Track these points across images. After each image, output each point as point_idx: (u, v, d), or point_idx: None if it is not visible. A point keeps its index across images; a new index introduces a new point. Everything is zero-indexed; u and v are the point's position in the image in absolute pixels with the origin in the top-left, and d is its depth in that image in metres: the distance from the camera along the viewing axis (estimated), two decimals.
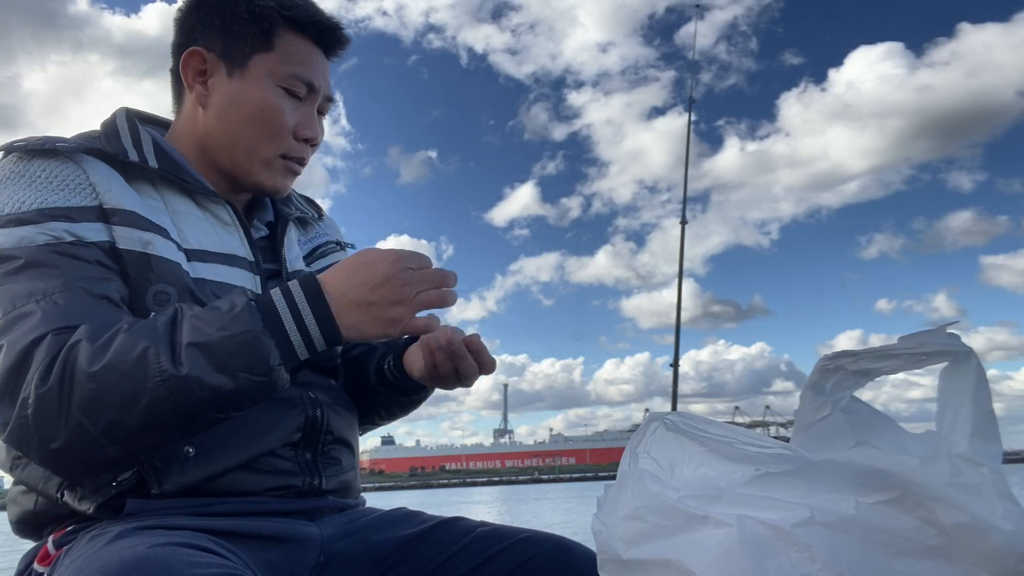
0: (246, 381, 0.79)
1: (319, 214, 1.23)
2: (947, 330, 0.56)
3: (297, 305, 0.83)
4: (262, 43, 1.00)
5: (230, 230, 1.01)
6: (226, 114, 1.00)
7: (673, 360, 8.54)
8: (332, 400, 1.02)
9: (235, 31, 1.00)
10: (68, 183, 0.88)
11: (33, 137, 0.93)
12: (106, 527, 0.81)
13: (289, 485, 0.95)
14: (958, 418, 0.55)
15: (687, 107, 10.07)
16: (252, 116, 1.00)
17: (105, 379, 0.76)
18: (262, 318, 0.80)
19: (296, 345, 0.82)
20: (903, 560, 0.53)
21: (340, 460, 1.03)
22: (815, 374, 0.60)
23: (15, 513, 0.92)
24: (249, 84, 1.00)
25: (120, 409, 0.76)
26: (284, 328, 0.82)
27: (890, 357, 0.58)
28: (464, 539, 1.01)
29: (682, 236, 8.79)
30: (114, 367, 0.76)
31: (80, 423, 0.76)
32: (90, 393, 0.76)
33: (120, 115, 1.01)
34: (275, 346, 0.80)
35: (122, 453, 0.80)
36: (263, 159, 1.02)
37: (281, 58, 1.00)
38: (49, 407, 0.76)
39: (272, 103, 1.00)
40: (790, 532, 0.53)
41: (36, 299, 0.81)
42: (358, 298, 0.84)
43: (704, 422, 0.64)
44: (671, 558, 0.55)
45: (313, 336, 0.83)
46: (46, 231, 0.85)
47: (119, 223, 0.89)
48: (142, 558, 0.67)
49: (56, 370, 0.76)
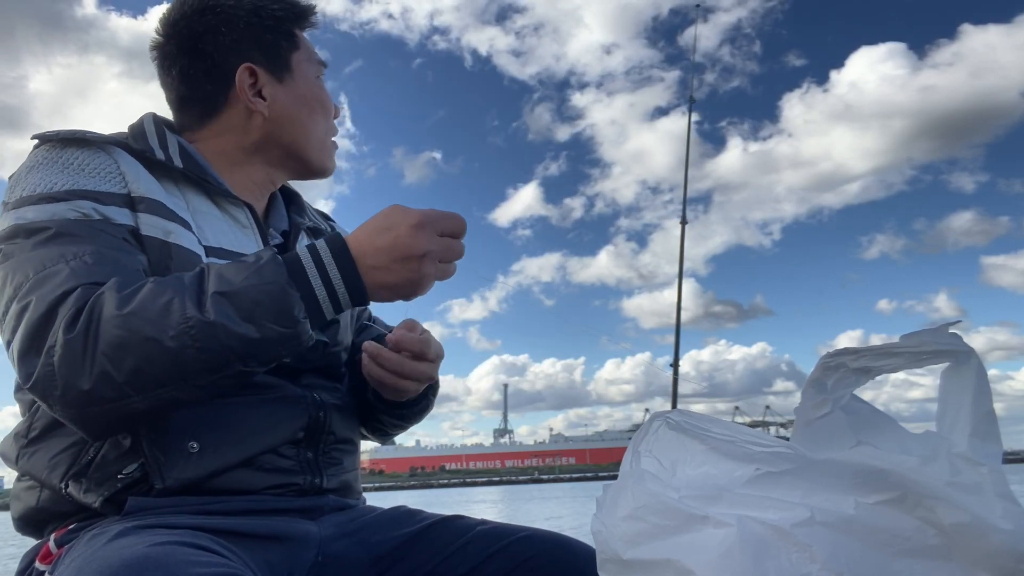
0: (271, 331, 0.79)
1: (331, 229, 1.25)
2: (949, 330, 0.56)
3: (323, 262, 0.83)
4: (293, 44, 1.09)
5: (247, 232, 1.03)
6: (296, 114, 1.08)
7: (673, 360, 8.55)
8: (336, 402, 1.03)
9: (268, 40, 1.07)
10: (99, 170, 0.91)
11: (65, 129, 0.95)
12: (107, 526, 0.81)
13: (290, 483, 0.95)
14: (958, 418, 0.55)
15: (688, 106, 10.08)
16: (314, 109, 1.10)
17: (130, 324, 0.76)
18: (287, 271, 0.81)
19: (322, 301, 0.83)
20: (903, 560, 0.53)
21: (342, 460, 1.04)
22: (817, 371, 0.60)
23: (18, 510, 0.92)
24: (300, 82, 1.09)
25: (145, 355, 0.76)
26: (310, 283, 0.82)
27: (892, 355, 0.58)
28: (464, 537, 1.01)
29: (682, 236, 8.81)
30: (139, 313, 0.76)
31: (105, 369, 0.76)
32: (115, 339, 0.76)
33: (148, 119, 1.04)
34: (300, 298, 0.81)
35: (147, 404, 0.79)
36: (324, 144, 1.12)
37: (306, 52, 1.11)
38: (74, 353, 0.76)
39: (324, 92, 1.12)
40: (790, 532, 0.53)
41: (66, 259, 0.82)
42: (378, 262, 0.84)
43: (707, 420, 0.64)
44: (671, 558, 0.55)
45: (339, 292, 0.84)
46: (76, 208, 0.87)
47: (144, 211, 0.91)
48: (142, 557, 0.67)
49: (84, 317, 0.77)
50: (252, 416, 0.91)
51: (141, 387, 0.77)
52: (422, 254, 0.84)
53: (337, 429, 1.02)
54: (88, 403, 0.77)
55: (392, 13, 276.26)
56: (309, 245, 0.86)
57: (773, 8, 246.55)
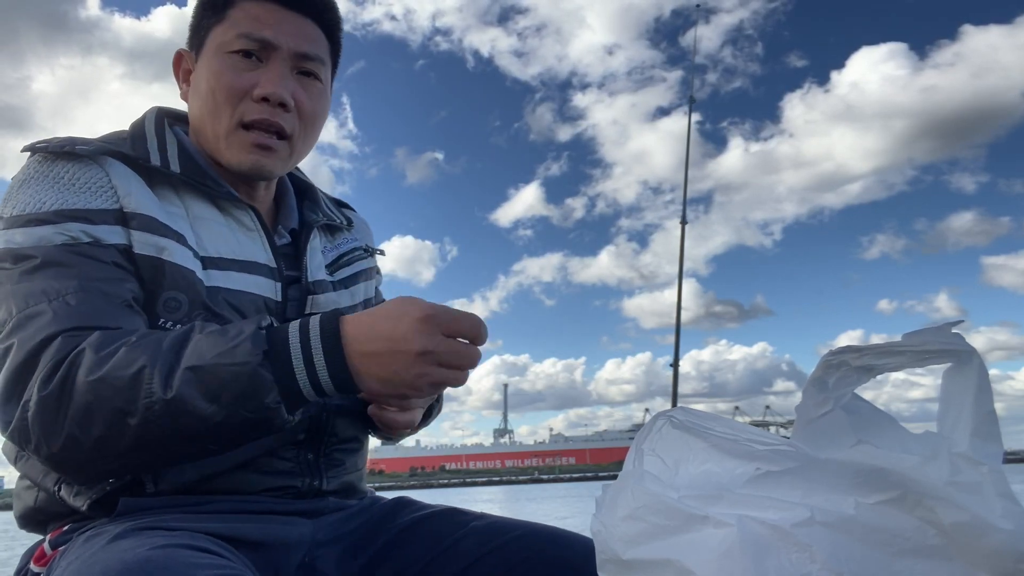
0: (238, 416, 0.75)
1: (348, 221, 1.19)
2: (951, 330, 0.56)
3: (310, 344, 0.76)
4: (215, 16, 0.97)
5: (252, 236, 0.99)
6: (194, 99, 0.99)
7: (673, 360, 8.54)
8: (340, 402, 1.01)
9: (199, 15, 0.99)
10: (90, 185, 0.88)
11: (56, 138, 0.92)
12: (103, 527, 0.81)
13: (288, 486, 0.94)
14: (960, 417, 0.55)
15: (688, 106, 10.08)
16: (205, 92, 0.96)
17: (99, 392, 0.74)
18: (267, 350, 0.75)
19: (302, 385, 0.76)
20: (903, 560, 0.53)
21: (344, 462, 1.02)
22: (819, 369, 0.60)
23: (19, 508, 0.92)
24: (204, 61, 0.97)
25: (109, 425, 0.74)
26: (291, 365, 0.76)
27: (894, 354, 0.58)
28: (461, 531, 1.00)
29: (682, 236, 8.80)
30: (109, 381, 0.74)
31: (73, 434, 0.75)
32: (84, 405, 0.74)
33: (150, 116, 1.00)
34: (274, 382, 0.74)
35: (116, 467, 0.79)
36: (225, 133, 0.96)
37: (230, 24, 0.95)
38: (47, 412, 0.75)
39: (215, 69, 0.94)
40: (790, 532, 0.53)
41: (49, 299, 0.80)
42: (372, 350, 0.76)
43: (710, 418, 0.64)
44: (671, 558, 0.55)
45: (322, 379, 0.77)
46: (64, 231, 0.85)
47: (136, 227, 0.88)
48: (143, 559, 0.67)
49: (59, 375, 0.75)
50: None
51: (107, 454, 0.76)
52: (420, 351, 0.75)
53: (340, 430, 1.00)
54: (59, 462, 0.77)
55: (395, 15, 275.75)
56: (302, 321, 0.79)
57: (775, 9, 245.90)
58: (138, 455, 0.77)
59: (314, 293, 1.02)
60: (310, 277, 1.03)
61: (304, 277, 1.03)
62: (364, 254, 1.17)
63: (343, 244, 1.15)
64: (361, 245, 1.18)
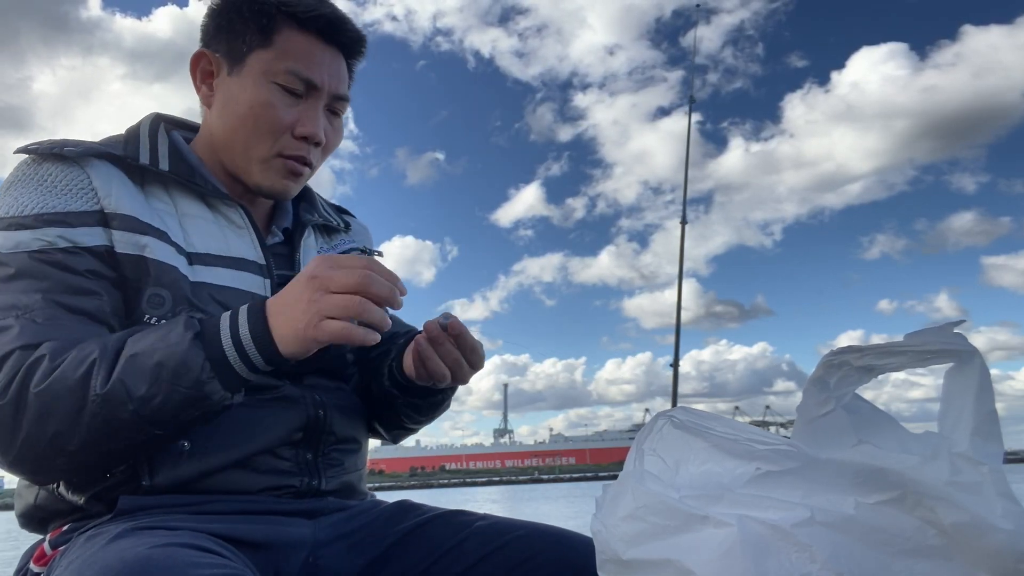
0: (175, 393, 0.79)
1: (346, 224, 1.21)
2: (953, 330, 0.56)
3: (238, 321, 0.83)
4: (260, 40, 0.98)
5: (241, 233, 1.00)
6: (224, 113, 1.01)
7: (673, 360, 8.54)
8: (337, 402, 1.02)
9: (237, 29, 0.99)
10: (71, 187, 0.90)
11: (46, 140, 0.94)
12: (102, 527, 0.81)
13: (286, 485, 0.94)
14: (960, 417, 0.55)
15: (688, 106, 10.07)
16: (244, 114, 0.98)
17: (52, 392, 0.78)
18: (199, 332, 0.81)
19: (232, 360, 0.82)
20: (903, 560, 0.53)
21: (343, 461, 1.02)
22: (819, 369, 0.60)
23: (20, 507, 0.93)
24: (244, 82, 0.99)
25: (61, 422, 0.78)
26: (220, 341, 0.81)
27: (895, 354, 0.58)
28: (463, 533, 1.00)
29: (682, 236, 8.80)
30: (60, 381, 0.78)
31: (28, 436, 0.79)
32: (38, 408, 0.78)
33: (146, 121, 1.03)
34: (205, 359, 0.80)
35: (72, 465, 0.82)
36: (259, 158, 1.00)
37: (277, 55, 0.98)
38: (5, 420, 0.79)
39: (263, 99, 0.98)
40: (790, 532, 0.53)
41: (16, 314, 0.83)
42: (278, 308, 0.83)
43: (711, 418, 0.64)
44: (671, 558, 0.55)
45: (248, 350, 0.82)
46: (41, 237, 0.87)
47: (118, 227, 0.90)
48: (144, 559, 0.67)
49: (15, 384, 0.79)
50: (247, 417, 0.91)
51: (62, 452, 0.80)
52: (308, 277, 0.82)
53: (338, 429, 1.01)
54: (16, 466, 0.82)
55: (396, 15, 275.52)
56: (232, 311, 0.84)
57: (776, 9, 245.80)
58: (88, 452, 0.80)
59: None
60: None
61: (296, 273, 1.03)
62: (361, 255, 1.17)
63: (340, 245, 1.17)
64: (359, 246, 1.20)
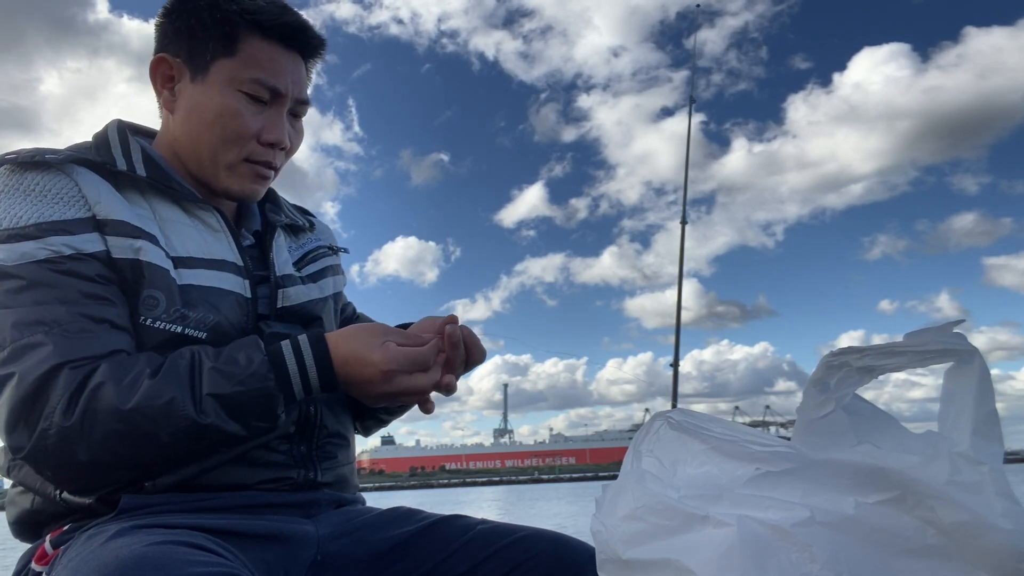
0: (256, 428, 0.88)
1: (310, 224, 1.24)
2: (953, 330, 0.56)
3: (305, 364, 0.90)
4: (224, 48, 0.99)
5: (219, 236, 1.01)
6: (189, 120, 1.01)
7: (673, 360, 8.54)
8: (327, 397, 1.03)
9: (199, 36, 1.00)
10: (61, 196, 0.90)
11: (24, 149, 0.93)
12: (103, 526, 0.82)
13: (284, 477, 0.96)
14: (960, 417, 0.55)
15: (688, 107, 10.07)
16: (211, 122, 1.00)
17: (132, 420, 0.81)
18: (275, 375, 0.88)
19: (298, 395, 0.90)
20: (903, 560, 0.53)
21: (336, 454, 1.04)
22: (820, 370, 0.60)
23: (13, 514, 0.92)
24: (209, 89, 1.00)
25: (140, 447, 0.83)
26: (290, 382, 0.89)
27: (895, 354, 0.57)
28: (463, 537, 1.01)
29: (682, 236, 8.79)
30: (142, 411, 0.82)
31: (99, 457, 0.82)
32: (114, 432, 0.81)
33: (112, 127, 1.03)
34: (283, 399, 0.88)
35: (130, 479, 0.86)
36: (226, 164, 1.02)
37: (242, 63, 0.99)
38: (71, 440, 0.81)
39: (230, 108, 0.99)
40: (790, 532, 0.53)
41: (44, 329, 0.83)
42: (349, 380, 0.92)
43: (708, 420, 0.64)
44: (671, 558, 0.55)
45: (313, 388, 0.91)
46: (46, 246, 0.87)
47: (111, 233, 0.90)
48: (139, 556, 0.67)
49: (81, 406, 0.81)
50: None
51: (129, 470, 0.85)
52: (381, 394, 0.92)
53: (329, 423, 1.03)
54: (76, 481, 0.85)
55: (401, 18, 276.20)
56: (293, 341, 0.91)
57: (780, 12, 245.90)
58: (154, 470, 0.87)
59: (283, 287, 1.05)
60: (278, 272, 1.07)
61: (272, 272, 1.06)
62: (329, 251, 1.21)
63: (308, 243, 1.19)
64: (326, 244, 1.22)
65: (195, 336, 0.92)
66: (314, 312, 1.09)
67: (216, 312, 0.94)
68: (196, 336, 0.92)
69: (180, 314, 0.91)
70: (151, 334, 0.90)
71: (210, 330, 0.93)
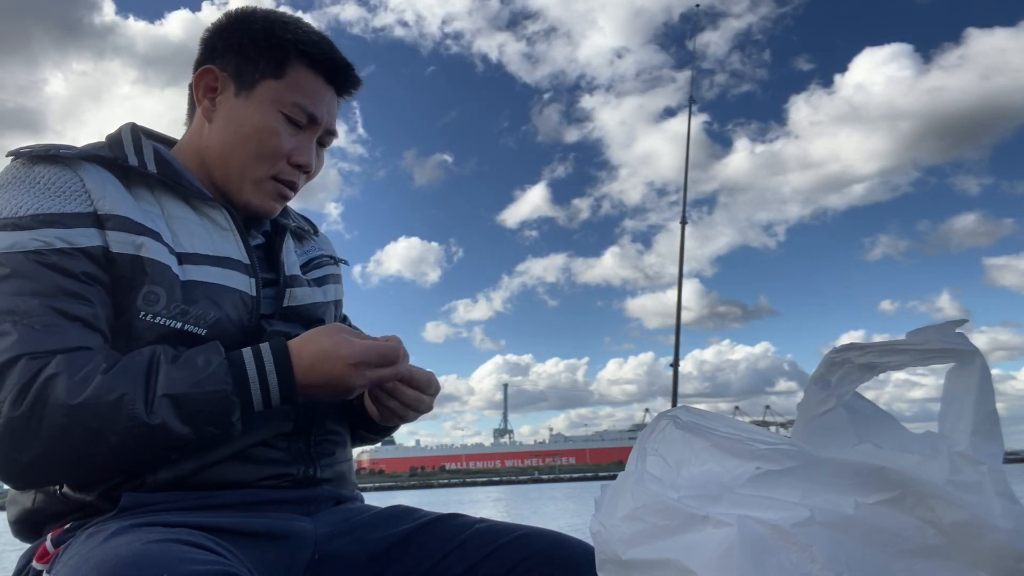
0: (207, 432, 0.86)
1: (315, 230, 1.27)
2: (955, 330, 0.56)
3: (265, 370, 0.90)
4: (273, 70, 1.04)
5: (226, 235, 1.02)
6: (226, 131, 1.04)
7: (673, 360, 8.53)
8: None
9: (250, 55, 1.04)
10: (64, 189, 0.91)
11: (40, 144, 0.95)
12: (103, 524, 0.82)
13: (284, 474, 0.97)
14: (961, 417, 0.55)
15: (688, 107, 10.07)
16: (248, 136, 1.04)
17: (78, 415, 0.80)
18: (233, 379, 0.87)
19: (256, 404, 0.90)
20: (903, 560, 0.53)
21: (333, 451, 1.05)
22: (822, 367, 0.60)
23: (14, 513, 0.92)
24: (252, 105, 1.04)
25: (87, 444, 0.81)
26: (249, 389, 0.89)
27: (897, 352, 0.57)
28: (461, 536, 1.01)
29: (682, 236, 8.79)
30: (89, 407, 0.80)
31: (45, 451, 0.81)
32: (60, 427, 0.80)
33: (125, 128, 1.05)
34: (239, 404, 0.88)
35: (80, 480, 0.86)
36: (254, 178, 1.05)
37: (288, 87, 1.04)
38: (15, 432, 0.80)
39: (269, 126, 1.04)
40: (790, 532, 0.53)
41: (14, 319, 0.83)
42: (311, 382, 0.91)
43: (713, 418, 0.64)
44: (671, 558, 0.55)
45: (272, 398, 0.91)
46: (38, 237, 0.87)
47: (112, 228, 0.91)
48: (138, 554, 0.68)
49: (30, 396, 0.80)
50: None
51: (76, 468, 0.84)
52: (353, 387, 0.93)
53: (326, 421, 1.04)
54: (22, 476, 0.85)
55: (406, 20, 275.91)
56: (255, 349, 0.91)
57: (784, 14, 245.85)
58: (101, 470, 0.85)
59: (291, 287, 1.08)
60: (287, 272, 1.10)
61: (281, 272, 1.09)
62: (331, 261, 1.25)
63: (311, 251, 1.23)
64: (327, 254, 1.25)
65: (195, 332, 0.93)
66: (317, 315, 1.11)
67: (218, 309, 0.95)
68: (196, 332, 0.93)
69: (181, 310, 0.92)
70: (151, 329, 0.90)
71: (210, 327, 0.94)
